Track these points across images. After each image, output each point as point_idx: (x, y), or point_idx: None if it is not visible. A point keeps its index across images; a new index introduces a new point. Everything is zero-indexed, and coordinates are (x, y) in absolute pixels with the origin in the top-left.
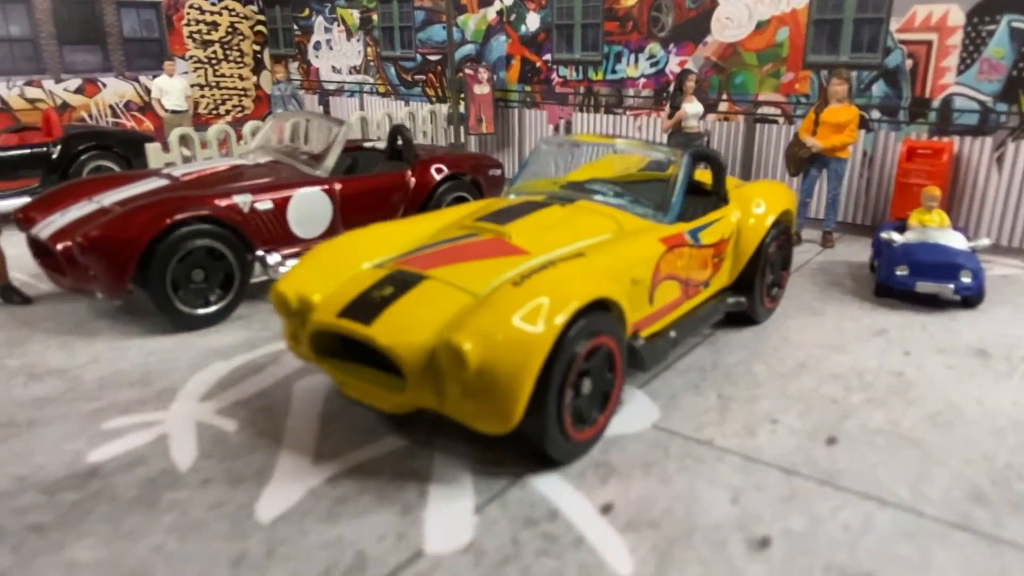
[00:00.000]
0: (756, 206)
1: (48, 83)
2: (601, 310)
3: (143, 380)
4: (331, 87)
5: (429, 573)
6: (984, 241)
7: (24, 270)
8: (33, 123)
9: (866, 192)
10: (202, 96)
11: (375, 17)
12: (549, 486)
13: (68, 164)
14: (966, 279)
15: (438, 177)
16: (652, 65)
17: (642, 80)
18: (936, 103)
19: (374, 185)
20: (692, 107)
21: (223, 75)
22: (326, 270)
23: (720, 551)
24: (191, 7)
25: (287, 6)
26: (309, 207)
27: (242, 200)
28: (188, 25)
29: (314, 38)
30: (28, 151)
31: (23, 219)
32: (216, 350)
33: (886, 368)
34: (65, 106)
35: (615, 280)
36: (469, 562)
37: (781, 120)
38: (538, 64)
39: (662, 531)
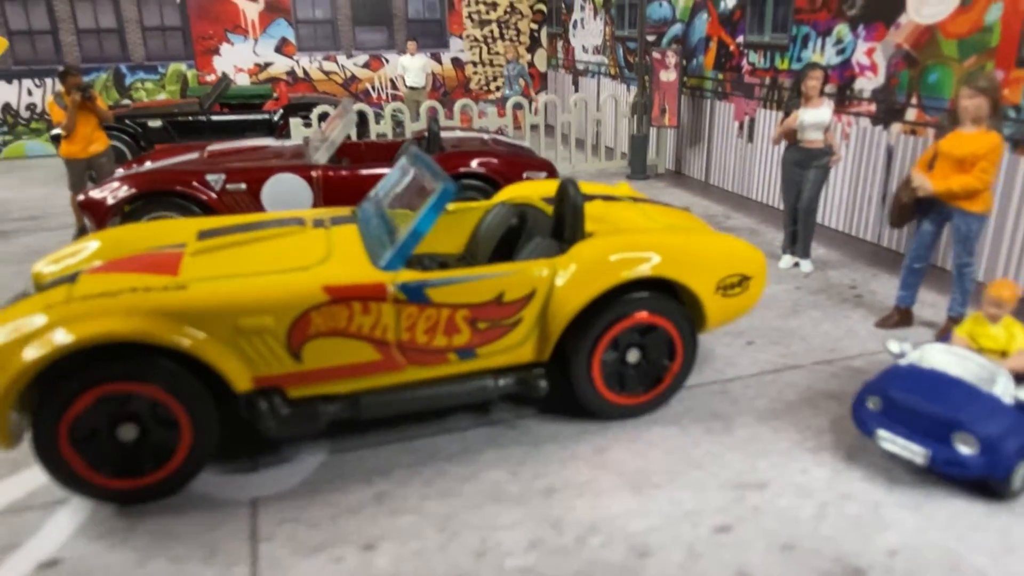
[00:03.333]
0: (606, 261)
1: (341, 58)
2: (159, 353)
3: None
4: (580, 67)
5: None
6: None
7: None
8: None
9: None
10: (474, 73)
11: None
12: (64, 519)
13: (282, 128)
14: (965, 450)
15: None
16: (838, 53)
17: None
18: None
19: (366, 176)
20: (813, 114)
21: (497, 53)
22: (71, 259)
23: None
24: None
25: None
26: (284, 191)
27: (214, 179)
28: (468, 6)
29: (573, 16)
30: (257, 116)
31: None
32: None
33: (646, 537)
34: (352, 79)
35: (202, 325)
36: None
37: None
38: (731, 48)
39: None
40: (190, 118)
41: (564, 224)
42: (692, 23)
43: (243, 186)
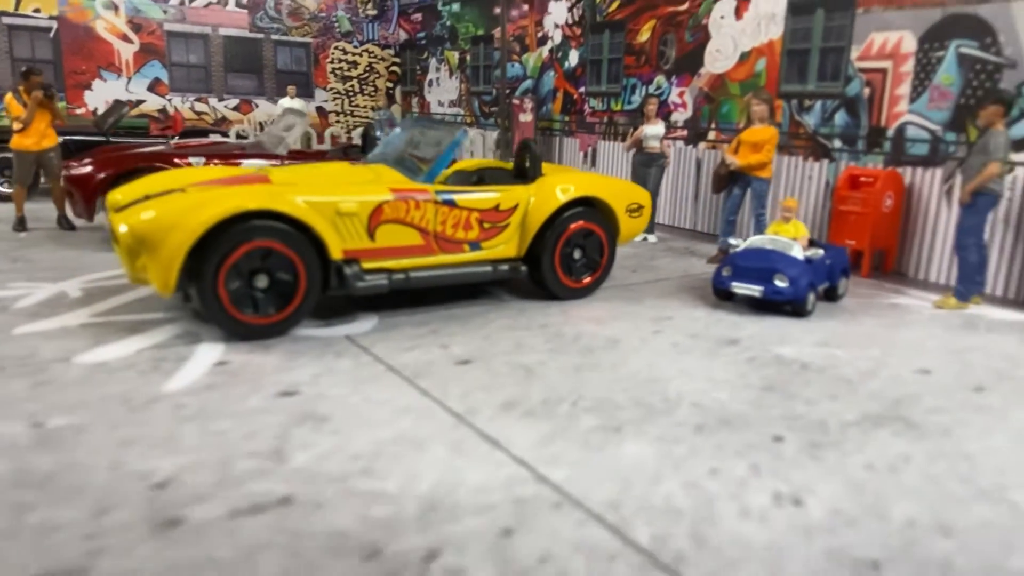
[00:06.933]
0: (558, 189)
1: (212, 100)
2: (286, 223)
3: (70, 269)
4: (437, 118)
5: (52, 367)
6: (818, 251)
7: None
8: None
9: (830, 226)
10: (337, 122)
11: (468, 57)
12: (209, 348)
13: None
14: (780, 283)
15: None
16: (659, 96)
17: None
18: (890, 132)
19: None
20: (652, 128)
21: (357, 105)
22: (141, 187)
23: (251, 392)
24: (336, 48)
25: (414, 49)
26: None
27: (195, 160)
28: (332, 63)
29: (429, 76)
30: (155, 139)
31: (67, 167)
32: None
33: (613, 337)
34: (223, 119)
35: (314, 207)
36: (87, 367)
37: (725, 146)
38: (575, 96)
39: (233, 378)
40: (90, 137)
41: (528, 167)
42: (541, 79)
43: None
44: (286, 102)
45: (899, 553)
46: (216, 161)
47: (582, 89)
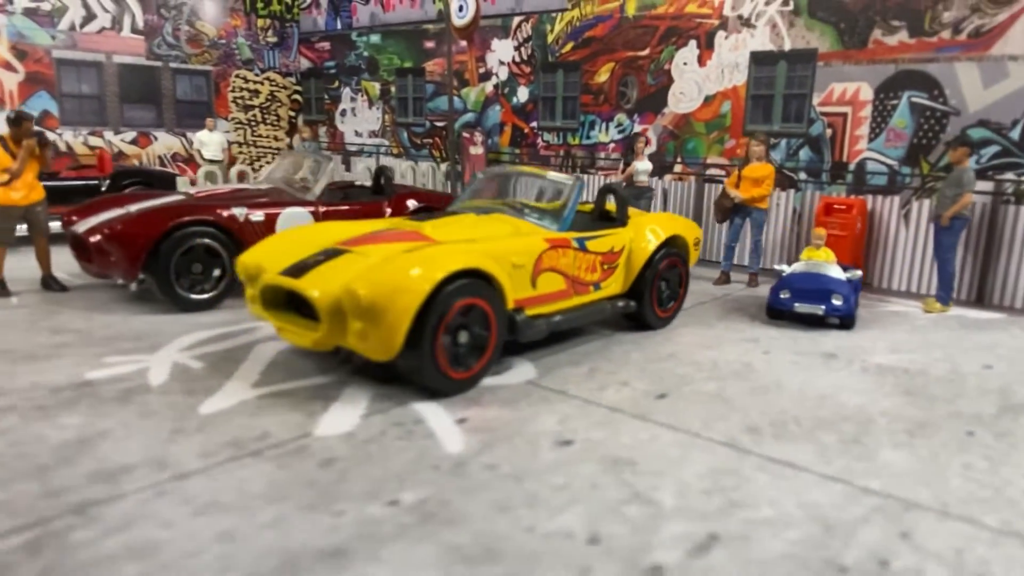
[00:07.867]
0: (648, 231)
1: (108, 134)
2: (478, 279)
3: (140, 337)
4: (353, 148)
5: (309, 445)
6: (856, 272)
7: (64, 267)
8: (89, 162)
9: (796, 244)
10: (240, 152)
11: (393, 89)
12: (424, 407)
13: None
14: (837, 302)
15: (411, 207)
16: (620, 132)
17: (611, 144)
18: (852, 166)
19: (353, 210)
20: (642, 164)
21: (260, 135)
22: (279, 248)
23: (530, 444)
24: (237, 76)
25: (320, 78)
26: (295, 221)
27: (239, 211)
28: (233, 91)
29: (341, 106)
30: (83, 182)
31: (66, 221)
32: (203, 324)
33: (740, 360)
34: (120, 154)
35: (496, 261)
36: (342, 440)
37: (725, 179)
38: (526, 130)
39: (495, 433)
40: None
41: (618, 210)
42: (485, 113)
43: (262, 216)
44: (204, 135)
45: None
46: (260, 211)
47: (534, 124)
